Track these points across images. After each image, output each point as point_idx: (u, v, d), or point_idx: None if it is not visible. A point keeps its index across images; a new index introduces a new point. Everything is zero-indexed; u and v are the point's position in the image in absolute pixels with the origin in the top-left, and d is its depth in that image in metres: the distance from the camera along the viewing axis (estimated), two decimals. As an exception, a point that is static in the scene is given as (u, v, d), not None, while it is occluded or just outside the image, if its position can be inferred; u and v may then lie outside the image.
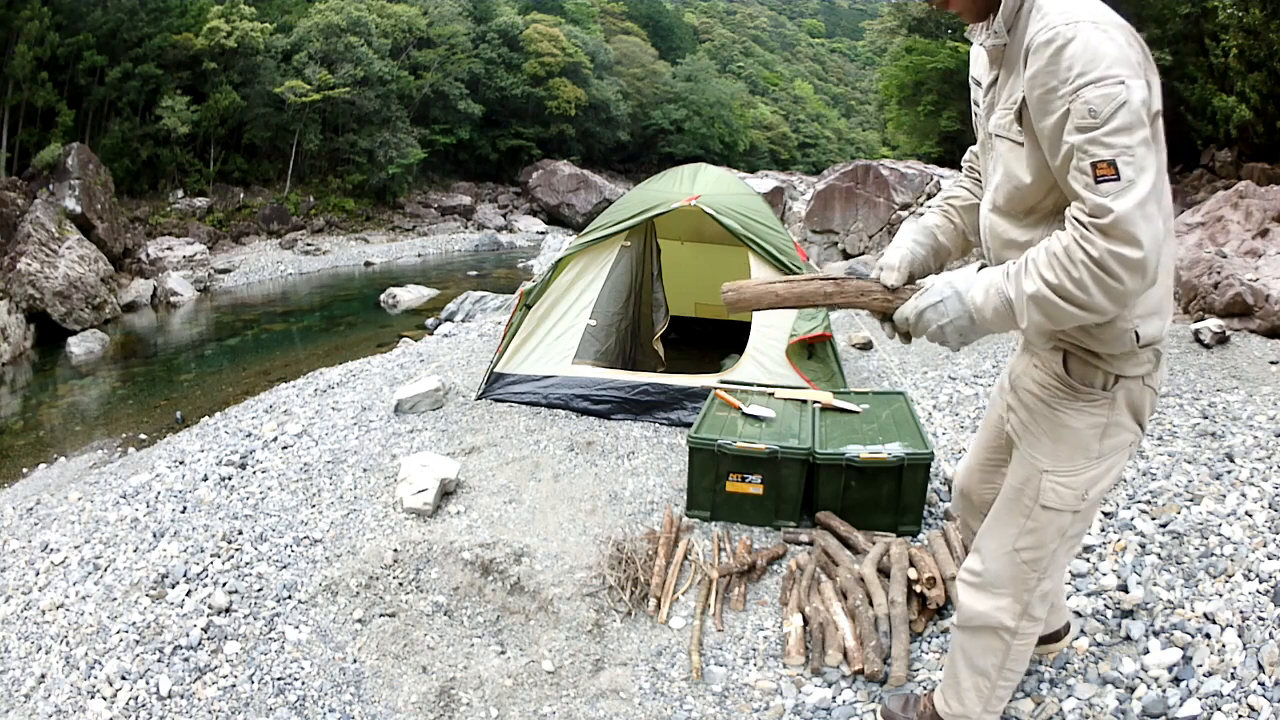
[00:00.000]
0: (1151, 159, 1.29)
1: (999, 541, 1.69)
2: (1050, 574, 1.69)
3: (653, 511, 3.38)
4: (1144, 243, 1.27)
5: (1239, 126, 8.26)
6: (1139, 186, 1.27)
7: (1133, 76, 1.29)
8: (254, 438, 4.68)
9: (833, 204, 12.31)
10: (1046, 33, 1.34)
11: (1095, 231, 1.29)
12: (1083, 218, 1.31)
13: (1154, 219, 1.28)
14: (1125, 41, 1.33)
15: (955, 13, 1.54)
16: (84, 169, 14.20)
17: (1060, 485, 1.58)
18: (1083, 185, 1.31)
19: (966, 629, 1.80)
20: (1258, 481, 3.14)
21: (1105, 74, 1.28)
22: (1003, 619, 1.72)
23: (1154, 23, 8.85)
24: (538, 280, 4.84)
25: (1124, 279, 1.29)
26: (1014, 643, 1.75)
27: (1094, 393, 1.53)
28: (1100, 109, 1.28)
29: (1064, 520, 1.61)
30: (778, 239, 4.64)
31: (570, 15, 35.14)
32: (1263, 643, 2.14)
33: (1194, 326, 5.53)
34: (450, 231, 24.18)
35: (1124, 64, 1.30)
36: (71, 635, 2.83)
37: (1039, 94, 1.37)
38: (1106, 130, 1.28)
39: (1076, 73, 1.30)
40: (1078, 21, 1.32)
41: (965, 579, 1.78)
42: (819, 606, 2.59)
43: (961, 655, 1.84)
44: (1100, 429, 1.54)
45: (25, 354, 10.82)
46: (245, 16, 20.37)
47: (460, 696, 2.40)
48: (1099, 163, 1.28)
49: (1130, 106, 1.28)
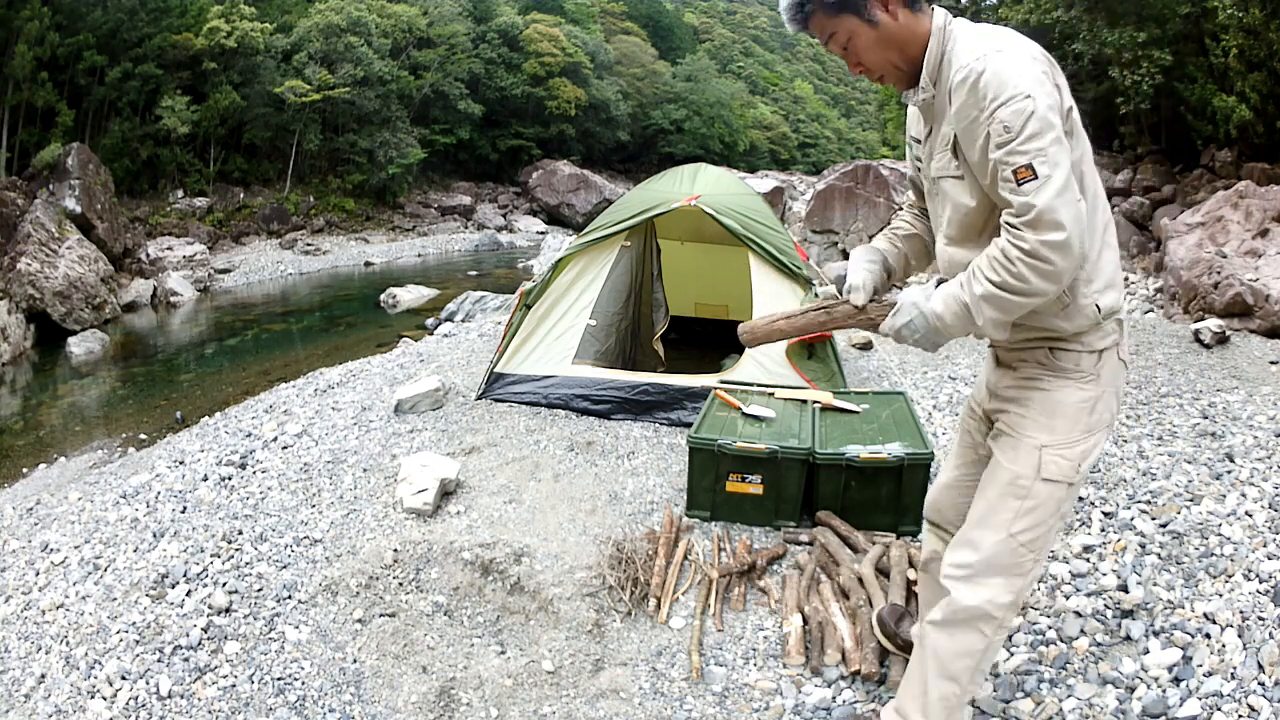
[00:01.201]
0: (1064, 153, 1.48)
1: (993, 530, 1.72)
2: (1043, 554, 1.74)
3: (653, 511, 3.38)
4: (1066, 224, 1.45)
5: (1239, 126, 8.25)
6: (1055, 179, 1.46)
7: (1037, 87, 1.49)
8: (254, 438, 4.68)
9: (833, 204, 12.30)
10: (961, 72, 1.55)
11: (1024, 228, 1.48)
12: (1012, 219, 1.50)
13: (1072, 203, 1.46)
14: (1029, 58, 1.53)
15: (892, 85, 1.75)
16: (84, 169, 14.20)
17: (1060, 457, 1.68)
18: (1009, 191, 1.50)
19: (946, 626, 1.76)
20: (1258, 481, 3.14)
21: (1013, 93, 1.48)
22: (992, 610, 1.72)
23: (1154, 23, 8.84)
24: (538, 280, 4.84)
25: (1055, 260, 1.47)
26: (994, 638, 1.74)
27: (1082, 372, 1.68)
28: (1013, 124, 1.47)
29: (1060, 493, 1.70)
30: (778, 239, 4.64)
31: (570, 15, 35.14)
32: (1263, 643, 2.15)
33: (1194, 326, 5.53)
34: (450, 231, 24.17)
35: (1028, 80, 1.49)
36: (71, 635, 2.83)
37: (965, 126, 1.57)
38: (1020, 140, 1.47)
39: (990, 99, 1.50)
40: (984, 55, 1.52)
41: (953, 574, 1.76)
42: (818, 606, 2.59)
43: (933, 661, 1.79)
44: (1090, 403, 1.68)
45: (25, 354, 10.82)
46: (245, 16, 20.36)
47: (460, 696, 2.40)
48: (1018, 169, 1.47)
49: (1038, 115, 1.46)
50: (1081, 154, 1.59)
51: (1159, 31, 8.77)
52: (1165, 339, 5.57)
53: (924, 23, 1.66)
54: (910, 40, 1.66)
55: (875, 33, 1.64)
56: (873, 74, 1.73)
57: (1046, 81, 1.52)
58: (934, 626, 1.79)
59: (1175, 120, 9.62)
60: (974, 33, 1.62)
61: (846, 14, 1.64)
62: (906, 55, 1.68)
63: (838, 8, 1.63)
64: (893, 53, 1.67)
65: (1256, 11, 7.64)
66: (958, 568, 1.76)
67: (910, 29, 1.65)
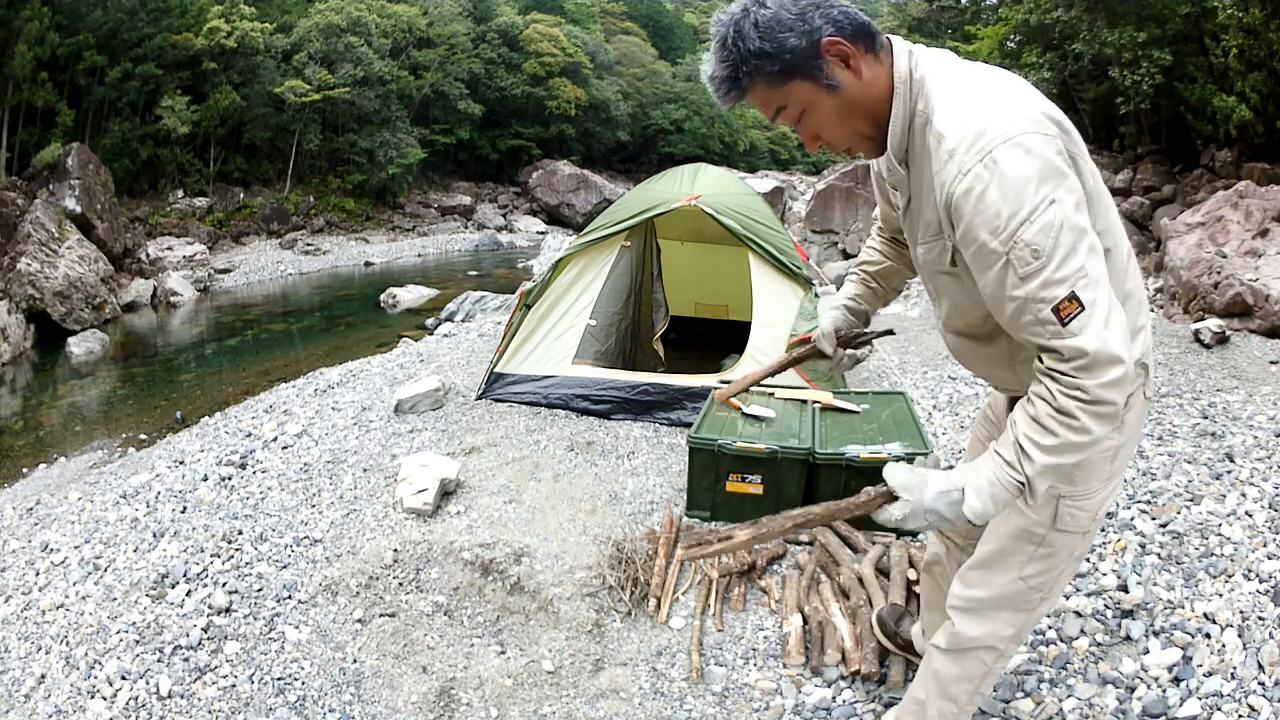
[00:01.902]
0: (1098, 261, 1.20)
1: (1004, 573, 1.63)
2: (1054, 594, 1.65)
3: (653, 511, 3.37)
4: (1122, 354, 1.20)
5: (1239, 126, 8.25)
6: (1100, 301, 1.19)
7: (1060, 184, 1.18)
8: (254, 438, 4.68)
9: (833, 204, 12.31)
10: (962, 181, 1.21)
11: (1081, 374, 1.21)
12: (1062, 367, 1.22)
13: (1116, 321, 1.20)
14: (1042, 134, 1.20)
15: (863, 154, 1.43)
16: (84, 169, 14.19)
17: (1078, 509, 1.53)
18: (1050, 335, 1.22)
19: (950, 653, 1.72)
20: (1258, 481, 3.14)
21: (1036, 202, 1.17)
22: (994, 642, 1.67)
23: (1154, 23, 8.84)
24: (538, 280, 4.84)
25: (1114, 399, 1.22)
26: (994, 666, 1.71)
27: None
28: (1042, 245, 1.17)
29: (1075, 541, 1.58)
30: (778, 239, 4.64)
31: (570, 15, 35.13)
32: (1263, 643, 2.15)
33: (1194, 326, 5.53)
34: (450, 231, 24.16)
35: (1050, 174, 1.18)
36: (71, 635, 2.83)
37: (973, 251, 1.26)
38: (1056, 264, 1.18)
39: (1006, 217, 1.18)
40: (988, 151, 1.19)
41: (959, 605, 1.69)
42: (818, 606, 2.59)
43: (934, 681, 1.77)
44: (1113, 452, 1.50)
45: (25, 354, 10.82)
46: (245, 16, 20.34)
47: (460, 696, 2.40)
48: (1061, 303, 1.18)
49: (1069, 222, 1.17)
50: (1097, 216, 1.30)
51: (1159, 31, 8.77)
52: (1165, 339, 5.57)
53: (887, 72, 1.31)
54: (879, 100, 1.32)
55: (836, 100, 1.30)
56: (836, 147, 1.39)
57: (1066, 167, 1.21)
58: (938, 650, 1.76)
59: (1175, 120, 9.61)
60: (953, 90, 1.27)
61: (797, 80, 1.28)
62: (876, 120, 1.34)
63: (784, 74, 1.27)
64: (858, 120, 1.34)
65: (1256, 11, 7.64)
66: (964, 600, 1.69)
67: (880, 86, 1.31)
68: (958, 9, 15.55)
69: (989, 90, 1.26)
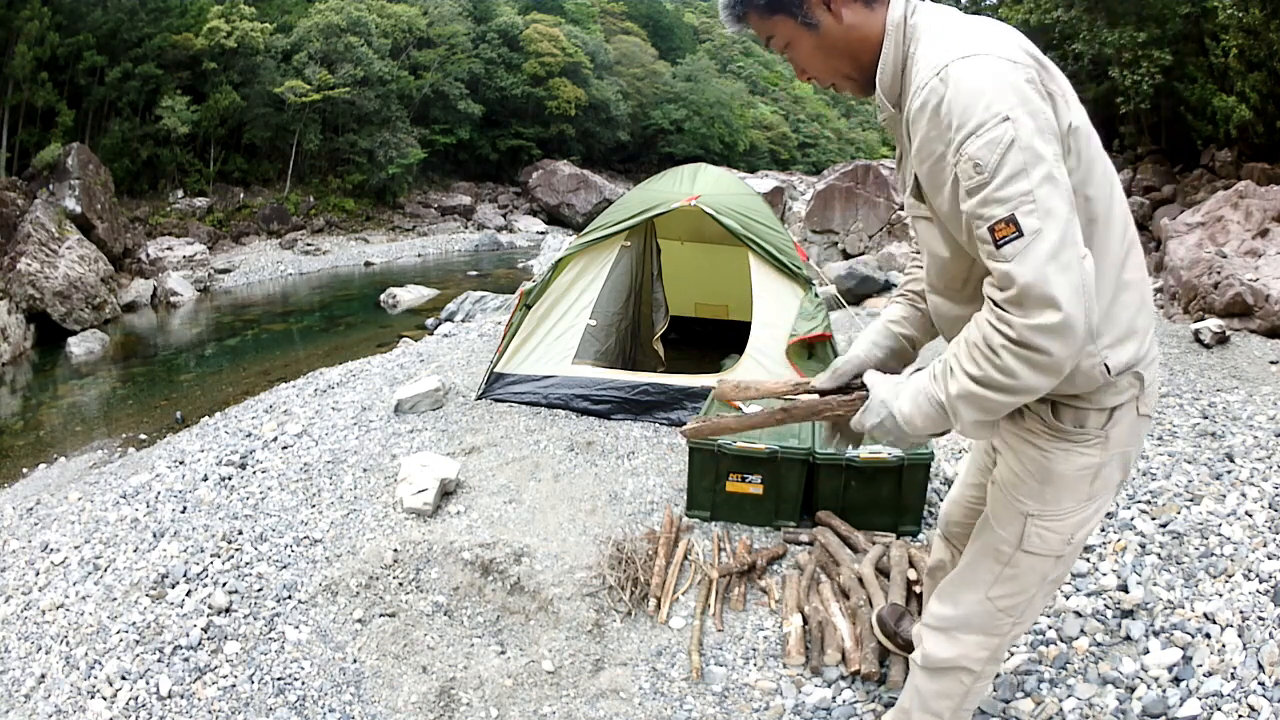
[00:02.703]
0: (1059, 196, 1.14)
1: (971, 589, 1.58)
2: (1026, 619, 1.58)
3: (653, 511, 3.37)
4: (1062, 301, 1.11)
5: (1239, 126, 8.26)
6: (1046, 235, 1.12)
7: (1019, 105, 1.14)
8: (254, 438, 4.68)
9: (833, 204, 12.32)
10: (919, 96, 1.21)
11: (1009, 307, 1.15)
12: (994, 293, 1.18)
13: (1072, 265, 1.13)
14: (1008, 62, 1.18)
15: (849, 94, 1.47)
16: (84, 169, 14.20)
17: (1046, 530, 1.45)
18: (987, 255, 1.17)
19: (927, 670, 1.70)
20: (1258, 481, 3.14)
21: (985, 117, 1.14)
22: (968, 664, 1.63)
23: (1154, 23, 8.84)
24: (538, 280, 4.84)
25: (1050, 349, 1.14)
26: (974, 685, 1.68)
27: (1086, 434, 1.39)
28: (986, 160, 1.14)
29: (1046, 565, 1.49)
30: (778, 239, 4.64)
31: (570, 15, 35.14)
32: (1263, 643, 2.15)
33: (1194, 326, 5.53)
34: (450, 231, 24.17)
35: (1006, 92, 1.15)
36: (71, 635, 2.83)
37: (928, 167, 1.25)
38: (998, 182, 1.13)
39: (955, 127, 1.16)
40: (945, 65, 1.19)
41: (930, 624, 1.66)
42: (818, 606, 2.59)
43: (916, 695, 1.75)
44: (1092, 471, 1.41)
45: (25, 354, 10.82)
46: (245, 16, 20.36)
47: (460, 696, 2.40)
48: (996, 224, 1.14)
49: (1020, 142, 1.13)
50: (1088, 173, 1.27)
51: (1159, 31, 8.77)
52: (1165, 339, 5.57)
53: (880, 18, 1.34)
54: (863, 44, 1.35)
55: (816, 38, 1.35)
56: (822, 82, 1.44)
57: (1033, 94, 1.17)
58: (916, 665, 1.74)
59: (1175, 120, 9.62)
60: (940, 29, 1.28)
61: (780, 15, 1.35)
62: (859, 62, 1.37)
63: (769, 8, 1.35)
64: (840, 60, 1.38)
65: (1256, 11, 7.64)
66: (935, 619, 1.66)
67: (861, 30, 1.34)
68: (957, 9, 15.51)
69: (970, 27, 1.27)
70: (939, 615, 1.65)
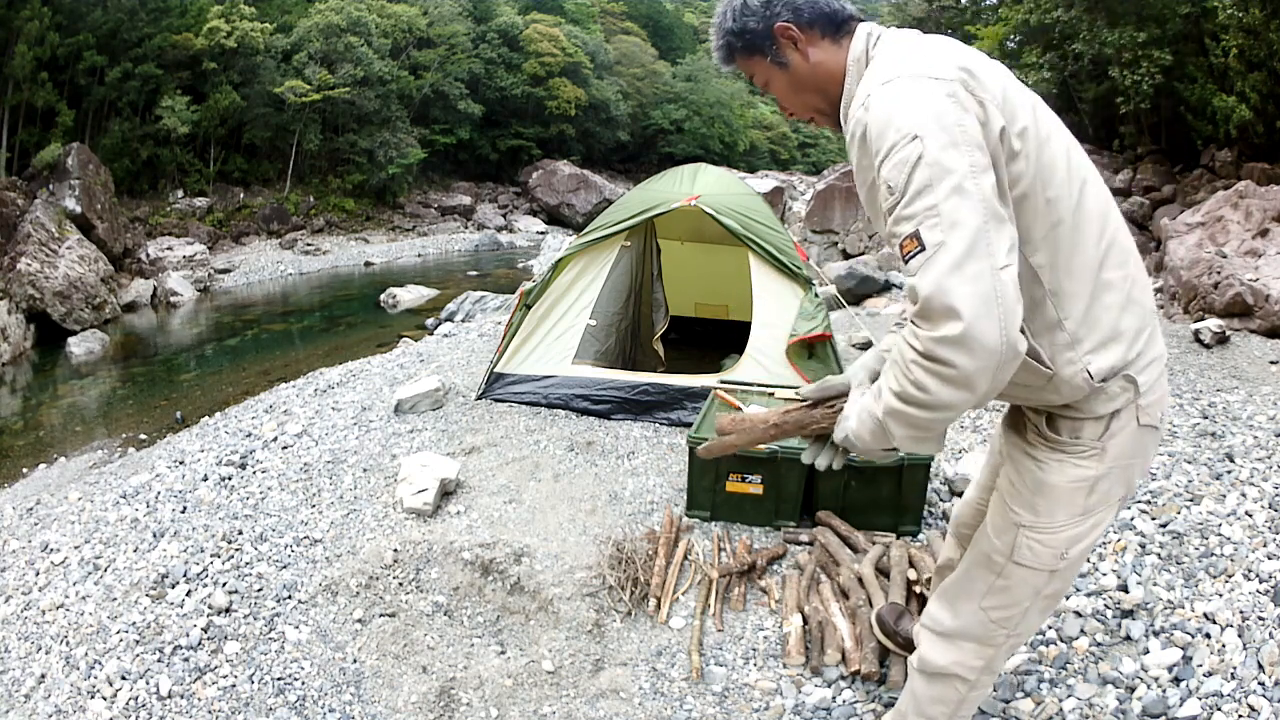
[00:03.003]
0: (969, 207, 1.12)
1: (967, 599, 1.59)
2: (1021, 631, 1.58)
3: (653, 511, 3.37)
4: (963, 311, 1.09)
5: (1239, 126, 8.26)
6: (951, 246, 1.11)
7: (931, 121, 1.16)
8: (254, 438, 4.68)
9: (833, 204, 12.32)
10: (849, 127, 1.28)
11: (919, 322, 1.15)
12: (909, 310, 1.18)
13: (979, 277, 1.10)
14: (928, 79, 1.20)
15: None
16: (84, 169, 14.20)
17: (1036, 542, 1.44)
18: (901, 271, 1.21)
19: (923, 674, 1.71)
20: (1258, 481, 3.14)
21: (896, 138, 1.17)
22: (962, 672, 1.63)
23: (1154, 23, 8.84)
24: (538, 280, 4.84)
25: (955, 361, 1.12)
26: (969, 694, 1.68)
27: (1081, 445, 1.37)
28: (896, 180, 1.17)
29: (1038, 580, 1.48)
30: (778, 239, 4.64)
31: (570, 15, 35.13)
32: (1263, 643, 2.15)
33: (1194, 326, 5.54)
34: (450, 231, 24.17)
35: (918, 110, 1.17)
36: (71, 635, 2.83)
37: (865, 194, 1.31)
38: (906, 200, 1.16)
39: (875, 153, 1.21)
40: (869, 94, 1.24)
41: (928, 626, 1.68)
42: (818, 606, 2.59)
43: (912, 699, 1.76)
44: (1088, 485, 1.39)
45: (25, 354, 10.82)
46: (245, 16, 20.35)
47: (460, 696, 2.40)
48: (904, 240, 1.16)
49: (927, 158, 1.14)
50: (1047, 175, 1.26)
51: (1159, 31, 8.78)
52: (1165, 339, 5.56)
53: (844, 54, 1.40)
54: (829, 79, 1.42)
55: (787, 76, 1.45)
56: (799, 116, 1.51)
57: (951, 107, 1.18)
58: (913, 668, 1.75)
59: (1175, 120, 9.62)
60: (882, 59, 1.32)
61: (756, 56, 1.46)
62: (828, 97, 1.45)
63: (746, 51, 1.46)
64: (811, 95, 1.46)
65: (1256, 11, 7.65)
66: (933, 621, 1.67)
67: (827, 66, 1.41)
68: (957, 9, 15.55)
69: (905, 51, 1.30)
70: (937, 619, 1.66)
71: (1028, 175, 1.25)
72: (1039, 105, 1.33)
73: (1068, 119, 9.22)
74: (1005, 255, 1.13)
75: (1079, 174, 1.32)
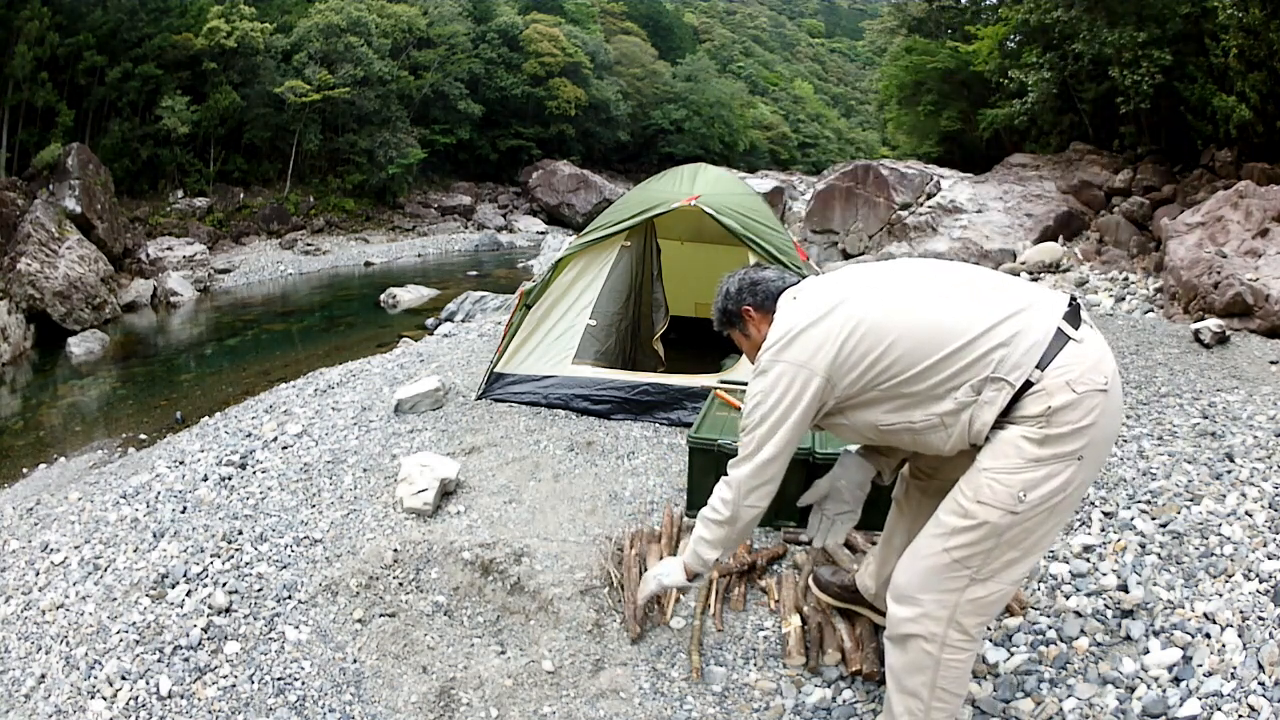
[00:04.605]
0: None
1: (930, 542, 1.76)
2: (982, 577, 1.70)
3: (653, 511, 3.38)
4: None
5: (1239, 126, 8.26)
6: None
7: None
8: (254, 438, 4.68)
9: (833, 204, 12.31)
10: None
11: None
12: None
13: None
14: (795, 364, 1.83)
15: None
16: (84, 169, 14.19)
17: (995, 481, 1.66)
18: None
19: (894, 640, 1.82)
20: (1258, 481, 3.14)
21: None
22: (926, 630, 1.73)
23: (1154, 23, 8.85)
24: (538, 280, 4.83)
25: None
26: (943, 656, 1.74)
27: (1029, 418, 1.68)
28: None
29: (999, 517, 1.66)
30: (778, 239, 4.64)
31: (570, 15, 35.12)
32: (1263, 643, 2.15)
33: (1194, 326, 5.54)
34: (450, 231, 24.18)
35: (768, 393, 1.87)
36: (71, 635, 2.83)
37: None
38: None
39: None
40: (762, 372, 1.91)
41: (892, 594, 1.82)
42: (818, 606, 2.59)
43: (891, 677, 1.85)
44: (1038, 438, 1.65)
45: (25, 354, 10.82)
46: (245, 16, 20.35)
47: (460, 696, 2.40)
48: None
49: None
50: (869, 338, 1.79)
51: (1159, 31, 8.78)
52: (1165, 339, 5.58)
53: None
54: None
55: (750, 341, 2.10)
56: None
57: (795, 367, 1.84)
58: (887, 640, 1.87)
59: (1175, 120, 9.62)
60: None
61: (735, 327, 2.14)
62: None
63: (728, 324, 2.16)
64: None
65: (1256, 11, 7.65)
66: (895, 588, 1.82)
67: (765, 333, 1.98)
68: (957, 9, 15.56)
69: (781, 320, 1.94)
70: (898, 584, 1.82)
71: (881, 345, 1.77)
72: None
73: (1068, 119, 9.23)
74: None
75: (889, 311, 1.81)
